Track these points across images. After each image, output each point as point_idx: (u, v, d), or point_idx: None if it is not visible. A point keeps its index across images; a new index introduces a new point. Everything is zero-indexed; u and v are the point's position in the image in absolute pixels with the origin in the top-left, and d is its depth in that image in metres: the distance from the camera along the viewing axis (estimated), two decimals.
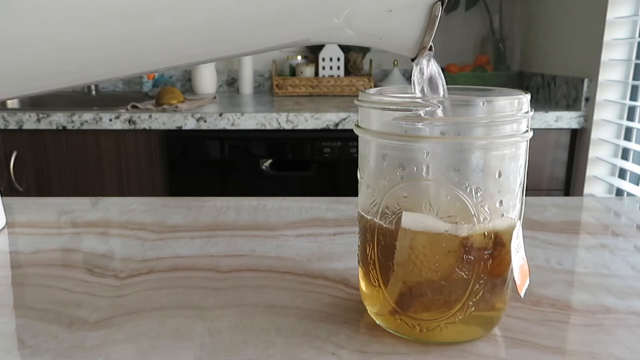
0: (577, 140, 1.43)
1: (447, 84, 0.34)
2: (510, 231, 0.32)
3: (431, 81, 0.33)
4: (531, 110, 0.32)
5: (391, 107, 0.31)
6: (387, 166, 0.32)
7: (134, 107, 1.44)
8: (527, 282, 0.35)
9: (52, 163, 1.43)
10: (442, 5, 0.29)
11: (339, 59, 1.84)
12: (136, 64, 0.31)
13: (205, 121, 1.38)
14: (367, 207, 0.34)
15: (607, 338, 0.34)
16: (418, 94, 0.34)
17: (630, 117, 1.35)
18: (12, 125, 1.38)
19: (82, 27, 0.28)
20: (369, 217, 0.34)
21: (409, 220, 0.31)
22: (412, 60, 0.33)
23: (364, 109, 0.34)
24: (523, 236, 0.35)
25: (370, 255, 0.34)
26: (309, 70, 1.85)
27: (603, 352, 0.33)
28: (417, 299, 0.32)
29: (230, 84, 2.04)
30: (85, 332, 0.35)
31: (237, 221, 0.57)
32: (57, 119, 1.38)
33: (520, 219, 0.34)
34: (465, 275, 0.31)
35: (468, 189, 0.31)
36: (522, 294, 0.33)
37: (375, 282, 0.34)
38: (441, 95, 0.34)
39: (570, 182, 1.46)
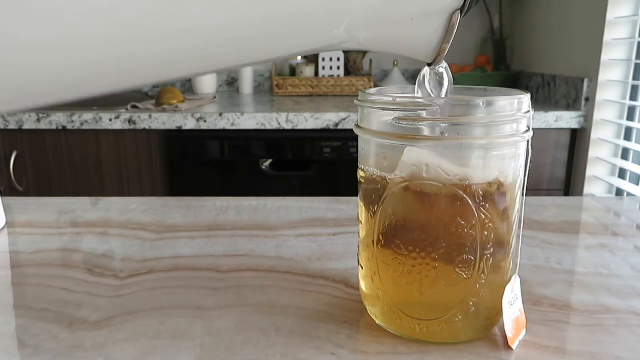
0: (577, 140, 1.43)
1: None
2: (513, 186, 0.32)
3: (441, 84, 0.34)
4: (531, 110, 0.32)
5: (391, 107, 0.31)
6: (387, 166, 0.33)
7: (134, 107, 1.44)
8: (523, 334, 0.34)
9: (52, 163, 1.43)
10: (461, 13, 0.29)
11: (339, 59, 1.84)
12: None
13: (205, 121, 1.38)
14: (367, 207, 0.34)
15: (607, 338, 0.34)
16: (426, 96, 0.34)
17: (630, 117, 1.35)
18: (12, 125, 1.38)
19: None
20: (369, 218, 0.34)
21: (410, 155, 0.31)
22: (429, 65, 0.33)
23: (364, 109, 0.34)
24: (522, 237, 0.35)
25: (371, 255, 0.34)
26: (309, 70, 1.85)
27: (603, 352, 0.33)
28: (402, 233, 0.32)
29: (230, 84, 2.04)
30: (85, 332, 0.35)
31: (237, 221, 0.57)
32: (57, 119, 1.38)
33: (517, 266, 0.34)
34: (457, 225, 0.31)
35: (468, 189, 0.31)
36: (513, 347, 0.33)
37: (376, 282, 0.34)
38: (443, 95, 0.34)
39: (570, 182, 1.46)
